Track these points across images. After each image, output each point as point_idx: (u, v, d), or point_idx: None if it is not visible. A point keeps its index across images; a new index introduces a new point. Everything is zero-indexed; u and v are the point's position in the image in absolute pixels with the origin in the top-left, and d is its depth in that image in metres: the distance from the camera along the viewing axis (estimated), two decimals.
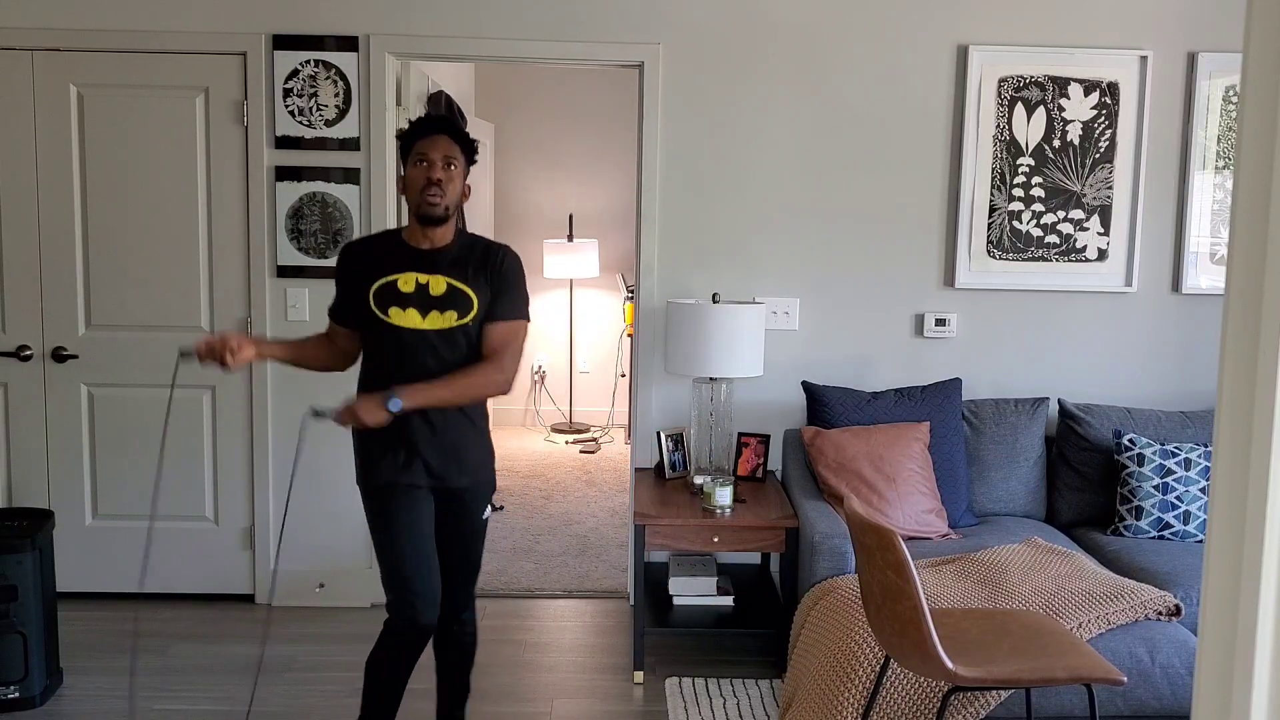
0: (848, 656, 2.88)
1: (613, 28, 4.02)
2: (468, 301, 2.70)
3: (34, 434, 4.14)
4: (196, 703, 3.42)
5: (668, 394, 4.21)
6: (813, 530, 3.39)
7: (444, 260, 2.72)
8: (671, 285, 4.15)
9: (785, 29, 4.04)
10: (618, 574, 4.63)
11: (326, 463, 4.17)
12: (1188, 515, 3.64)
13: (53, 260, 4.06)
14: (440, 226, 2.72)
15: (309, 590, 4.21)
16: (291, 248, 4.06)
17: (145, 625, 4.00)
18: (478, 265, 2.73)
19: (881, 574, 2.39)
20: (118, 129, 4.02)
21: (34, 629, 3.34)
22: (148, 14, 3.97)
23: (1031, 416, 3.94)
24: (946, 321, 4.16)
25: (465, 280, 2.71)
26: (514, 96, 7.34)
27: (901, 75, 4.07)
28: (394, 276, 2.70)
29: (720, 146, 4.09)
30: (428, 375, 2.66)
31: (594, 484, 6.10)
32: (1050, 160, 4.08)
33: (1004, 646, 2.48)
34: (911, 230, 4.14)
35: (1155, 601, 3.04)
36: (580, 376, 7.59)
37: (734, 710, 3.40)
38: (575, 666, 3.74)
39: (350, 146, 4.03)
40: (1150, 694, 2.90)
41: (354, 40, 3.99)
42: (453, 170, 2.69)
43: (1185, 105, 4.10)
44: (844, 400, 3.87)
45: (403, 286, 2.69)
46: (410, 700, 3.46)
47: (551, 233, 7.44)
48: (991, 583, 3.14)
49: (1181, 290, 4.17)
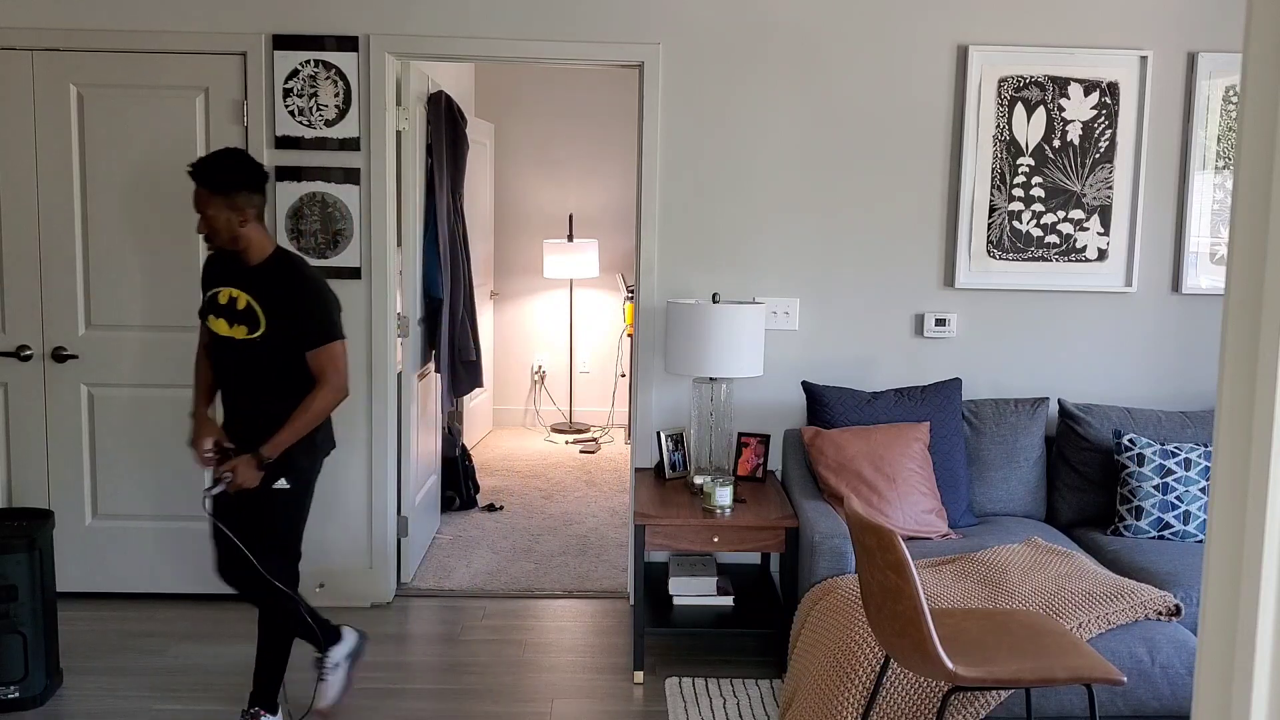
0: (848, 656, 2.88)
1: (613, 28, 4.02)
2: (256, 319, 3.03)
3: (34, 434, 4.14)
4: (196, 703, 3.42)
5: (668, 394, 4.21)
6: (813, 530, 3.39)
7: (251, 278, 3.05)
8: (671, 285, 4.15)
9: (785, 29, 4.04)
10: (618, 574, 4.63)
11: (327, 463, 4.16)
12: (1188, 515, 3.64)
13: (53, 260, 4.06)
14: (242, 253, 3.06)
15: (309, 590, 4.21)
16: (291, 248, 4.06)
17: (145, 625, 4.00)
18: (271, 288, 3.03)
19: (881, 574, 2.39)
20: (118, 129, 4.02)
21: (34, 629, 3.34)
22: (148, 14, 3.97)
23: (1031, 416, 3.94)
24: (946, 321, 4.16)
25: (259, 299, 3.03)
26: (514, 96, 7.34)
27: (901, 75, 4.07)
28: (219, 288, 3.09)
29: (720, 146, 4.09)
30: (233, 377, 3.09)
31: (594, 484, 6.10)
32: (1050, 160, 4.08)
33: (1004, 646, 2.48)
34: (911, 230, 4.14)
35: (1155, 601, 3.04)
36: (580, 376, 7.59)
37: (734, 710, 3.40)
38: (575, 666, 3.74)
39: (350, 146, 4.03)
40: (1150, 694, 2.90)
41: (354, 40, 3.99)
42: (209, 214, 2.99)
43: (1185, 105, 4.10)
44: (844, 400, 3.87)
45: (221, 298, 3.08)
46: (410, 700, 3.46)
47: (551, 233, 7.44)
48: (991, 583, 3.14)
49: (1181, 290, 4.17)
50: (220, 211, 2.98)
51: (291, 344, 3.03)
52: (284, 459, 3.06)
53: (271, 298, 3.02)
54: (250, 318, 3.02)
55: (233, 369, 3.08)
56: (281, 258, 3.08)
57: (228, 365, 3.09)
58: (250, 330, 3.02)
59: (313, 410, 3.02)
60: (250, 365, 3.06)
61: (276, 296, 3.02)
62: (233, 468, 2.98)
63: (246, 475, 2.98)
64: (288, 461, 3.08)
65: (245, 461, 2.98)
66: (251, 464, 2.98)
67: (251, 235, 3.04)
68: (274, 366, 3.05)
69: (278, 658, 3.21)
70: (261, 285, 3.03)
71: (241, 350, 3.04)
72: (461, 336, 5.23)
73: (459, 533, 5.13)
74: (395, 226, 4.19)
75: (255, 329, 3.02)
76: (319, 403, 3.02)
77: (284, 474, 3.09)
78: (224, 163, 2.99)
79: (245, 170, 3.00)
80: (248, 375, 3.07)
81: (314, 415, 3.02)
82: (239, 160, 3.01)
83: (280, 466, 3.07)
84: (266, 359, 3.04)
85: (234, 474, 2.97)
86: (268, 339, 3.02)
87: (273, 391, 3.06)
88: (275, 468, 3.05)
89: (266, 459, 2.98)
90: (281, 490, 3.09)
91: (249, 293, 3.03)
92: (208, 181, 2.97)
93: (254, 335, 3.02)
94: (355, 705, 3.41)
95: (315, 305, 3.04)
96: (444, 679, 3.62)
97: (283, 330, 3.01)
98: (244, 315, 3.03)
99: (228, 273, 3.09)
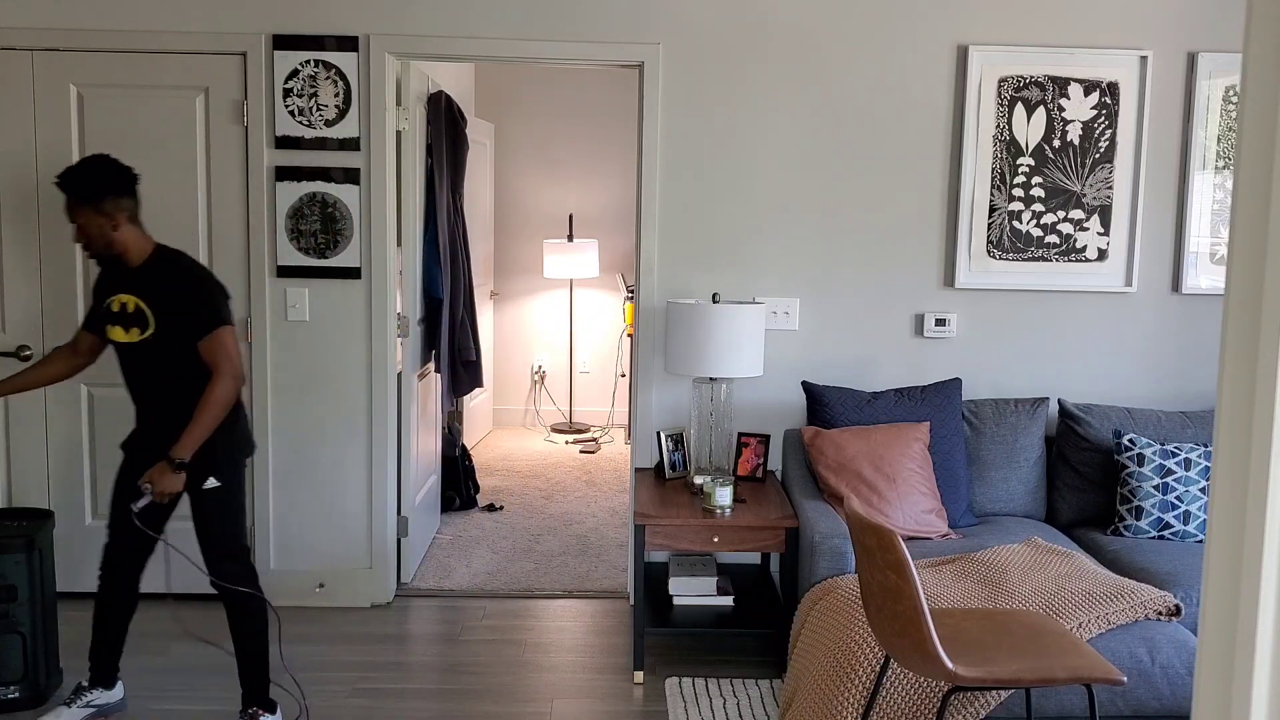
0: (848, 656, 2.88)
1: (613, 28, 4.02)
2: (145, 320, 3.05)
3: (34, 434, 4.14)
4: (196, 703, 3.42)
5: (668, 394, 4.21)
6: (813, 530, 3.39)
7: (135, 280, 3.06)
8: (671, 285, 4.15)
9: (785, 29, 4.04)
10: (618, 574, 4.63)
11: (328, 463, 4.17)
12: (1188, 515, 3.64)
13: (53, 260, 4.06)
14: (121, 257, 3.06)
15: (309, 590, 4.21)
16: (291, 248, 4.06)
17: (145, 625, 4.00)
18: (154, 285, 3.04)
19: (881, 574, 2.39)
20: (118, 129, 4.02)
21: (34, 629, 3.34)
22: (148, 14, 3.97)
23: (1031, 416, 3.94)
24: (946, 321, 4.16)
25: (145, 298, 3.04)
26: (514, 96, 7.34)
27: (901, 75, 4.07)
28: (112, 297, 3.10)
29: (720, 146, 4.09)
30: (139, 383, 3.11)
31: (594, 484, 6.10)
32: (1050, 160, 4.08)
33: (1004, 646, 2.48)
34: (911, 230, 4.14)
35: (1155, 601, 3.04)
36: (580, 376, 7.59)
37: (734, 710, 3.40)
38: (575, 666, 3.74)
39: (350, 146, 4.03)
40: (1150, 694, 2.90)
41: (354, 40, 3.99)
42: (80, 223, 3.01)
43: (1185, 105, 4.10)
44: (844, 400, 3.87)
45: (114, 306, 3.09)
46: (410, 700, 3.46)
47: (551, 233, 7.44)
48: (991, 583, 3.14)
49: (1181, 290, 4.17)
50: (91, 219, 2.99)
51: (183, 338, 3.04)
52: (207, 458, 3.08)
53: (156, 295, 3.03)
54: (140, 319, 3.05)
55: (136, 374, 3.11)
56: (162, 255, 3.09)
57: (132, 372, 3.12)
58: (142, 331, 3.05)
59: (212, 401, 3.01)
60: (151, 367, 3.08)
61: (160, 293, 3.03)
62: (150, 478, 2.99)
63: (166, 482, 2.99)
64: (211, 460, 3.09)
65: (160, 469, 2.99)
66: (167, 470, 2.99)
67: (127, 239, 3.04)
68: (173, 364, 3.07)
69: (256, 654, 3.22)
70: (145, 285, 3.05)
71: (139, 353, 3.07)
72: (461, 336, 5.23)
73: (459, 533, 5.13)
74: (395, 226, 4.19)
75: (146, 329, 3.05)
76: (217, 393, 3.01)
77: (210, 473, 3.10)
78: (89, 170, 3.00)
79: (110, 176, 3.01)
80: (151, 378, 3.09)
81: (216, 406, 3.01)
82: (104, 166, 3.02)
83: (205, 467, 3.08)
84: (164, 358, 3.06)
85: (153, 484, 2.99)
86: (160, 337, 3.04)
87: (180, 390, 3.08)
88: (200, 469, 3.07)
89: (180, 460, 2.98)
90: (213, 490, 3.11)
91: (135, 294, 3.05)
92: (74, 191, 2.98)
93: (146, 335, 3.05)
94: (355, 705, 3.41)
95: (199, 295, 3.04)
96: (444, 679, 3.62)
97: (173, 325, 3.03)
98: (135, 318, 3.05)
99: (116, 280, 3.10)
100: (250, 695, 3.23)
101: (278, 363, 4.13)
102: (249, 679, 3.22)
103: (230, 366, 3.03)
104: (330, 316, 4.11)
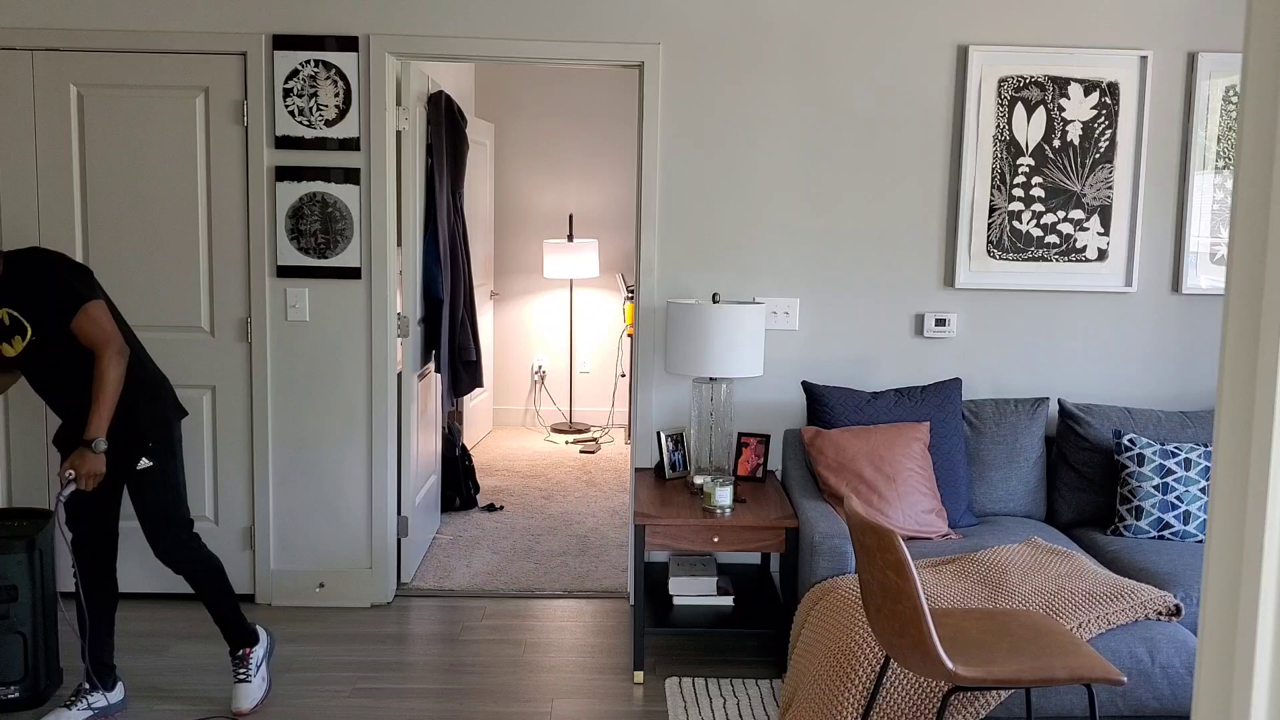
0: (848, 656, 2.88)
1: (613, 28, 4.02)
2: (22, 326, 3.07)
3: (34, 434, 4.14)
4: (196, 703, 3.42)
5: (668, 394, 4.21)
6: (813, 530, 3.39)
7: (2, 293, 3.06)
8: (671, 285, 4.15)
9: (785, 29, 4.04)
10: (618, 574, 4.63)
11: (328, 463, 4.17)
12: (1188, 515, 3.64)
13: None
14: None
15: (309, 590, 4.21)
16: (291, 248, 4.06)
17: (145, 625, 4.00)
18: (13, 291, 3.04)
19: (881, 574, 2.39)
20: (118, 129, 4.02)
21: (34, 629, 3.34)
22: (148, 14, 3.97)
23: (1031, 416, 3.94)
24: (946, 321, 4.16)
25: (14, 306, 3.04)
26: (514, 96, 7.34)
27: (901, 75, 4.07)
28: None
29: (720, 146, 4.09)
30: (44, 387, 3.14)
31: (594, 484, 6.10)
32: (1050, 160, 4.08)
33: (1004, 646, 2.48)
34: (911, 230, 4.14)
35: (1155, 601, 3.04)
36: (580, 377, 7.59)
37: (734, 710, 3.40)
38: (575, 666, 3.74)
39: (350, 146, 4.03)
40: (1150, 694, 2.90)
41: (354, 40, 3.99)
42: None
43: (1185, 105, 4.10)
44: (844, 400, 3.87)
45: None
46: (410, 700, 3.46)
47: (551, 233, 7.44)
48: (991, 583, 3.14)
49: (1181, 290, 4.17)
50: None
51: (60, 329, 3.06)
52: (135, 438, 3.13)
53: (19, 300, 3.05)
54: (18, 328, 3.08)
55: (41, 379, 3.14)
56: (11, 260, 3.09)
57: (36, 377, 3.15)
58: (24, 338, 3.08)
59: (105, 380, 3.02)
60: (49, 368, 3.11)
61: (21, 295, 3.05)
62: (72, 464, 3.03)
63: (88, 464, 3.02)
64: (141, 440, 3.14)
65: (79, 454, 3.02)
66: (86, 453, 3.01)
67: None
68: (66, 359, 3.09)
69: (224, 604, 3.35)
70: (7, 294, 3.06)
71: (33, 359, 3.10)
72: (462, 336, 5.23)
73: (459, 533, 5.13)
74: (395, 226, 4.19)
75: (26, 335, 3.08)
76: (105, 370, 3.03)
77: (142, 453, 3.14)
78: None
79: None
80: (54, 378, 3.13)
81: (110, 383, 3.03)
82: None
83: (136, 448, 3.13)
84: (55, 355, 3.09)
85: (75, 470, 3.02)
86: (42, 339, 3.07)
87: (84, 380, 3.10)
88: (132, 451, 3.12)
89: (94, 441, 3.01)
90: (147, 470, 3.16)
91: (5, 306, 3.07)
92: None
93: (31, 339, 3.08)
94: (355, 705, 3.41)
95: (52, 282, 3.04)
96: (444, 679, 3.62)
97: (45, 321, 3.05)
98: (13, 329, 3.08)
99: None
100: (234, 638, 3.37)
101: (278, 363, 4.13)
102: (229, 629, 3.36)
103: (105, 337, 3.04)
104: (330, 316, 4.11)
